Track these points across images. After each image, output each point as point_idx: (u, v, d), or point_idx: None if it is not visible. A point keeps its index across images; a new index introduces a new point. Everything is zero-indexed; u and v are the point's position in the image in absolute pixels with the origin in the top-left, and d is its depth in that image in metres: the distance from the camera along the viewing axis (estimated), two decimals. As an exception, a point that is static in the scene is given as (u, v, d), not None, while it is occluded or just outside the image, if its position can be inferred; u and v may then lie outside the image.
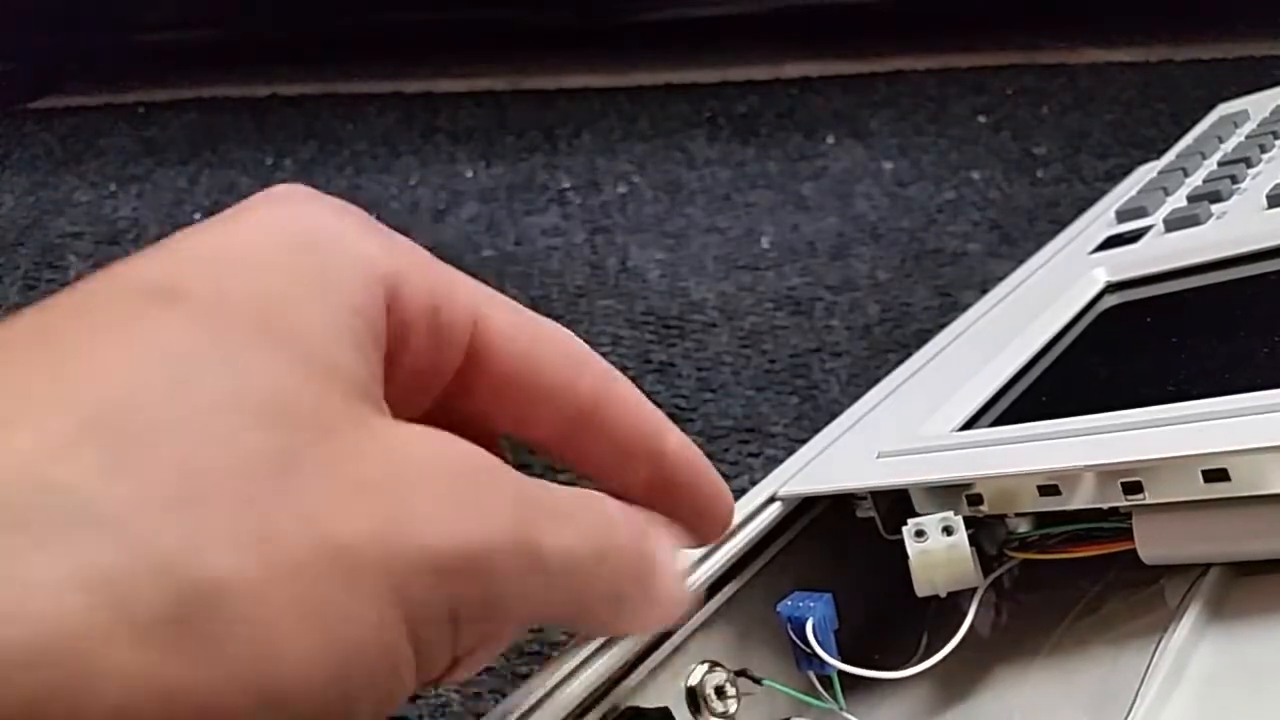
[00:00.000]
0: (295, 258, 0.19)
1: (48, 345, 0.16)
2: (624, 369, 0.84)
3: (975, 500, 0.29)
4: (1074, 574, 0.31)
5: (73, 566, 0.14)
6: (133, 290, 0.17)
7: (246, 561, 0.15)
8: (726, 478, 0.29)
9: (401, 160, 1.15)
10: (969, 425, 0.34)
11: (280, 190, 0.20)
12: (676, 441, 0.26)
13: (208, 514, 0.15)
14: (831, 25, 1.50)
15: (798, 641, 0.28)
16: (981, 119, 1.16)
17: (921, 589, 0.29)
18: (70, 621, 0.13)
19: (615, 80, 1.37)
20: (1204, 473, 0.26)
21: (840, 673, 0.28)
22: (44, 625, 0.13)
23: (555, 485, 0.21)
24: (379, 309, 0.19)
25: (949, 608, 0.30)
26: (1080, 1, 1.45)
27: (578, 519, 0.20)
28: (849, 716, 0.28)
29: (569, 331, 0.24)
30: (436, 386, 0.22)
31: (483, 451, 0.19)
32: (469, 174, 1.11)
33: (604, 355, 0.86)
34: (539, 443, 0.24)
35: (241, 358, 0.16)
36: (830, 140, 1.13)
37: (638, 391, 0.26)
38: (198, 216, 1.03)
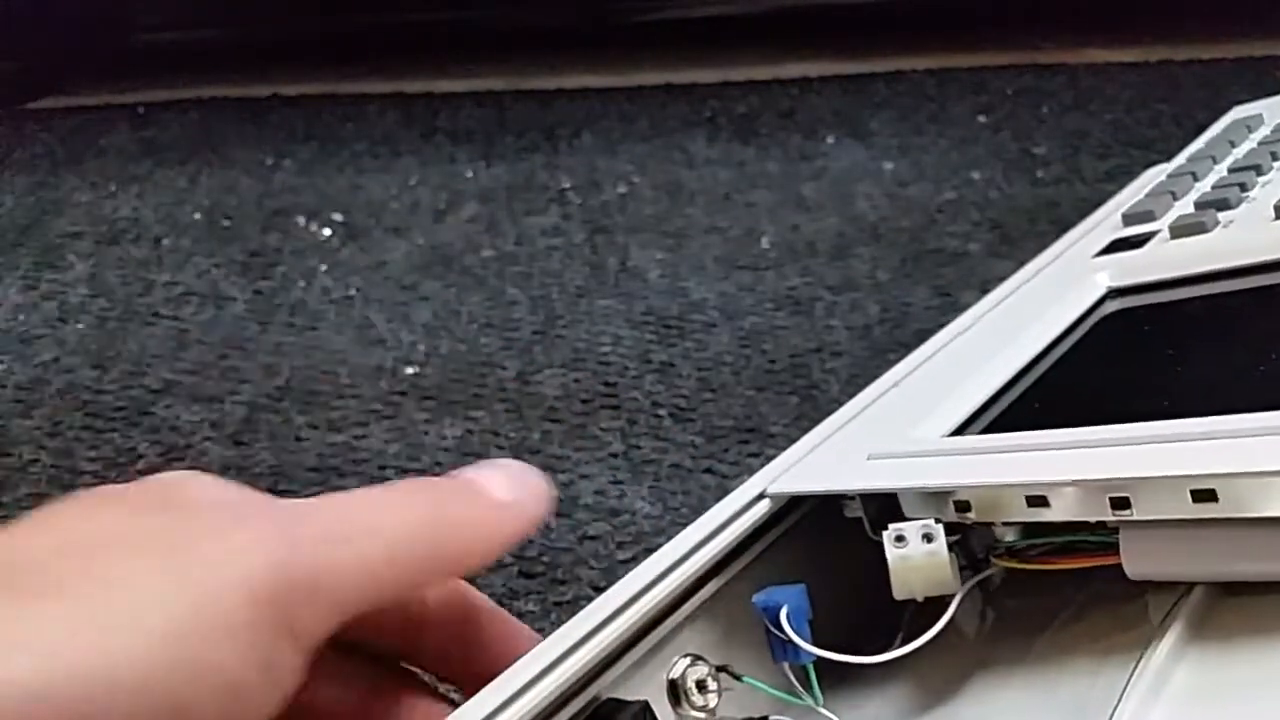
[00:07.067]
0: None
1: None
2: (624, 369, 0.84)
3: (963, 507, 0.29)
4: (1059, 584, 0.31)
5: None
6: None
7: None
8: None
9: (401, 160, 1.15)
10: (961, 430, 0.34)
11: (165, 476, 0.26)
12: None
13: None
14: (831, 25, 1.50)
15: (774, 630, 0.28)
16: (981, 119, 1.16)
17: (900, 593, 0.29)
18: None
19: (615, 80, 1.37)
20: (1193, 492, 0.25)
21: (817, 667, 0.28)
22: None
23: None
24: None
25: (933, 609, 0.30)
26: (1080, 1, 1.45)
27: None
28: (825, 712, 0.28)
29: None
30: None
31: None
32: (469, 174, 1.11)
33: (604, 355, 0.86)
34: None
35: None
36: (830, 140, 1.13)
37: None
38: (197, 217, 1.03)
